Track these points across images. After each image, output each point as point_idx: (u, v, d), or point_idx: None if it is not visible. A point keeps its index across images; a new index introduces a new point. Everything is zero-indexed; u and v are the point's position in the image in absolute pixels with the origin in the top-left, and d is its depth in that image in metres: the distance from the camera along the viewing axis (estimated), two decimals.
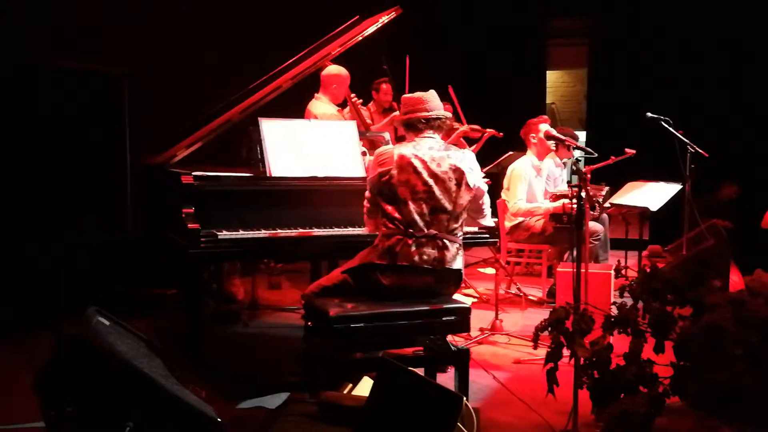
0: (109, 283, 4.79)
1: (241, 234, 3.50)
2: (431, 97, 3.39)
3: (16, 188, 4.51)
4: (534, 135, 5.73)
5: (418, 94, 3.40)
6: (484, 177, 3.74)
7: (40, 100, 4.41)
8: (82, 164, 4.47)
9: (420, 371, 3.35)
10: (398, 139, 5.15)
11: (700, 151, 6.25)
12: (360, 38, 4.26)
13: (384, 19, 4.31)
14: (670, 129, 6.20)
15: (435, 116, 3.35)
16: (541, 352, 3.05)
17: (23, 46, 4.53)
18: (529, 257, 6.30)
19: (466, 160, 3.34)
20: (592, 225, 5.38)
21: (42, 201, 4.46)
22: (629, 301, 2.67)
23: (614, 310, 2.60)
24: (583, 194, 2.97)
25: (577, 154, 3.66)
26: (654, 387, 2.32)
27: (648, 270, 2.62)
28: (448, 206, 3.25)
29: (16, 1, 4.51)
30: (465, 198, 3.30)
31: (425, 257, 3.20)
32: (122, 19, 5.25)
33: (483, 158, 7.00)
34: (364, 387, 2.76)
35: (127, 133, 4.55)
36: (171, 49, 5.57)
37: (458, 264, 3.30)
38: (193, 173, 3.52)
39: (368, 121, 5.79)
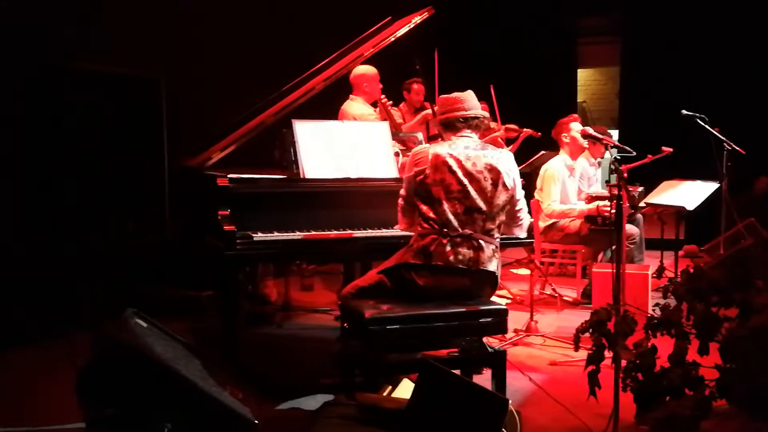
0: (145, 284, 4.84)
1: (276, 236, 3.51)
2: (469, 96, 3.38)
3: (56, 190, 4.58)
4: (566, 134, 5.67)
5: (455, 94, 3.39)
6: None
7: (81, 104, 4.48)
8: (121, 167, 4.52)
9: (456, 372, 3.34)
10: (431, 139, 5.14)
11: (737, 148, 6.15)
12: (392, 39, 4.24)
13: (416, 19, 4.29)
14: (706, 126, 6.11)
15: (473, 115, 3.34)
16: (578, 353, 3.01)
17: (61, 51, 4.60)
18: (563, 258, 6.23)
19: (503, 160, 3.31)
20: (628, 227, 5.31)
21: (81, 203, 4.52)
22: (672, 302, 2.62)
23: (657, 312, 2.55)
24: (623, 194, 2.92)
25: (616, 153, 3.61)
26: (700, 390, 2.26)
27: (691, 271, 2.56)
28: (483, 206, 3.22)
29: (53, 7, 4.57)
30: (501, 198, 3.26)
31: (460, 257, 3.17)
32: (154, 19, 5.29)
33: (515, 158, 6.98)
34: (404, 389, 2.74)
35: (165, 136, 4.59)
36: (204, 50, 5.61)
37: (493, 266, 3.26)
38: (229, 176, 3.54)
39: (399, 121, 5.77)
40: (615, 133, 9.05)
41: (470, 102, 3.36)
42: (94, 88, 4.50)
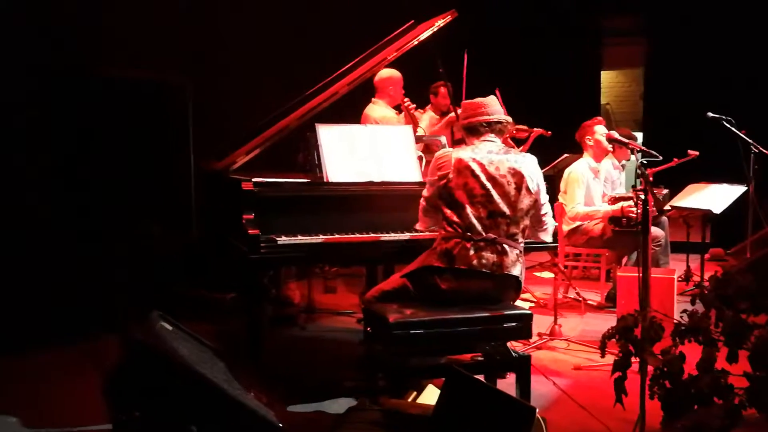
0: (170, 286, 4.88)
1: (300, 239, 3.53)
2: (491, 101, 3.39)
3: (84, 193, 4.64)
4: (590, 137, 5.63)
5: (478, 99, 3.40)
6: None
7: (110, 109, 4.54)
8: (148, 170, 4.58)
9: (480, 377, 3.34)
10: (455, 143, 5.13)
11: (765, 151, 6.06)
12: (415, 42, 4.24)
13: (439, 23, 4.28)
14: (733, 129, 6.04)
15: (496, 120, 3.34)
16: (601, 357, 2.99)
17: (91, 57, 4.67)
18: (587, 261, 6.19)
19: (527, 164, 3.30)
20: (654, 230, 5.25)
21: (109, 205, 4.58)
22: (699, 308, 2.59)
23: (684, 318, 2.53)
24: (649, 198, 2.89)
25: (641, 156, 3.57)
26: (729, 398, 2.24)
27: (719, 276, 2.53)
28: (507, 210, 3.21)
29: (85, 15, 4.65)
30: (525, 202, 3.25)
31: (484, 261, 3.17)
32: (178, 24, 5.35)
33: (538, 161, 6.95)
34: (429, 395, 2.74)
35: (191, 140, 4.64)
36: (229, 56, 5.66)
37: (517, 270, 3.25)
38: (253, 180, 3.56)
39: (424, 124, 5.76)
40: (639, 136, 8.97)
41: (493, 107, 3.37)
42: (123, 94, 4.57)
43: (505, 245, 3.20)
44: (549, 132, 6.82)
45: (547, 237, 3.50)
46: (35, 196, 4.50)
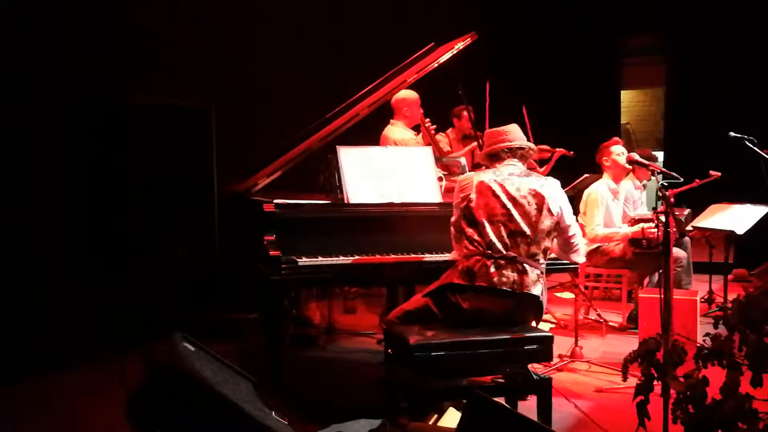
0: (193, 307, 4.92)
1: (321, 260, 3.55)
2: (513, 128, 3.45)
3: (109, 215, 4.73)
4: (607, 158, 5.61)
5: (499, 128, 3.46)
6: None
7: (133, 135, 4.64)
8: (172, 194, 4.66)
9: (501, 399, 3.32)
10: (475, 166, 5.14)
11: None
12: (435, 65, 4.28)
13: (459, 45, 4.31)
14: (755, 148, 6.00)
15: (518, 145, 3.40)
16: (623, 381, 2.97)
17: (113, 83, 4.78)
18: (608, 282, 6.15)
19: (548, 186, 3.32)
20: (675, 251, 5.20)
21: (133, 228, 4.65)
22: (722, 330, 2.57)
23: (707, 342, 2.51)
24: (671, 220, 2.88)
25: (662, 178, 3.56)
26: (754, 423, 2.21)
27: (742, 299, 2.51)
28: (527, 230, 3.23)
29: (97, 39, 4.76)
30: (546, 223, 3.26)
31: (504, 279, 3.18)
32: (201, 49, 5.45)
33: (560, 181, 6.94)
34: (450, 418, 2.73)
35: (214, 164, 4.72)
36: (251, 79, 5.74)
37: (538, 290, 3.25)
38: (275, 201, 3.60)
39: (447, 148, 5.79)
40: (660, 155, 8.93)
41: (514, 133, 3.43)
42: (149, 119, 4.66)
43: (525, 264, 3.21)
44: (572, 152, 6.82)
45: (579, 258, 3.53)
46: (60, 218, 4.59)
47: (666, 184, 3.32)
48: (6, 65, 4.35)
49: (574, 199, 5.99)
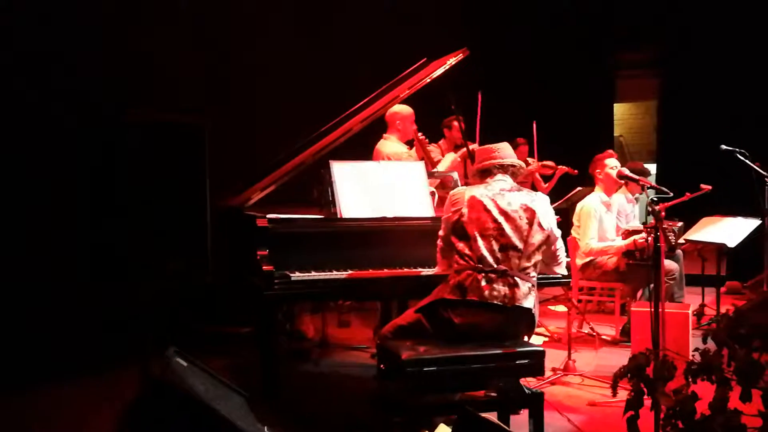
0: (187, 321, 4.93)
1: (314, 275, 3.56)
2: (503, 146, 3.50)
3: (103, 232, 4.75)
4: (600, 170, 5.64)
5: (490, 145, 3.50)
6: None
7: (131, 151, 4.67)
8: (168, 210, 4.69)
9: (493, 414, 3.33)
10: (467, 178, 5.18)
11: None
12: (428, 80, 4.31)
13: (451, 60, 4.35)
14: (747, 161, 6.04)
15: (509, 163, 3.45)
16: (613, 396, 2.98)
17: (108, 101, 4.82)
18: (601, 295, 6.17)
19: (538, 201, 3.36)
20: (668, 263, 5.24)
21: (128, 243, 4.67)
22: (712, 346, 2.58)
23: (696, 357, 2.52)
24: (660, 235, 2.91)
25: (651, 193, 3.59)
26: None
27: (731, 314, 2.53)
28: (519, 244, 3.25)
29: (94, 60, 4.80)
30: (537, 237, 3.29)
31: (495, 293, 3.19)
32: (198, 65, 5.49)
33: (552, 194, 6.99)
34: None
35: (207, 181, 4.74)
36: (246, 94, 5.78)
37: (529, 303, 3.27)
38: (268, 216, 3.61)
39: (438, 158, 5.82)
40: (653, 168, 8.97)
41: (505, 151, 3.47)
42: (145, 137, 4.68)
43: (516, 278, 3.23)
44: (576, 171, 6.87)
45: (561, 270, 3.56)
46: (55, 235, 4.61)
47: (655, 199, 3.34)
48: (5, 84, 4.38)
49: (567, 212, 6.03)
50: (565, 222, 5.45)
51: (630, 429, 2.48)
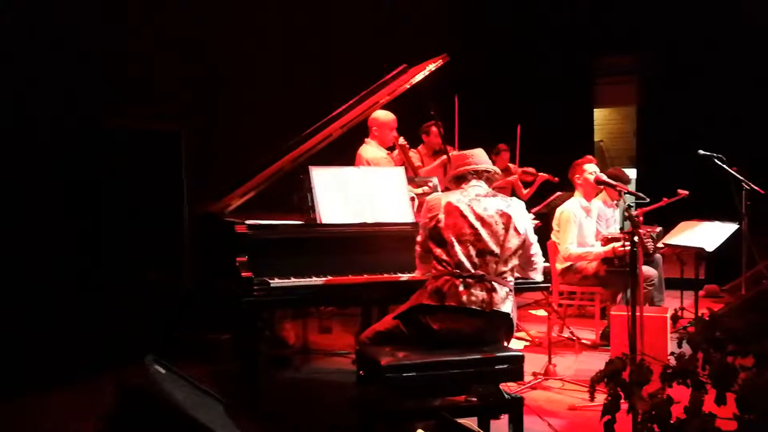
0: (164, 328, 4.90)
1: (293, 281, 3.55)
2: (478, 152, 3.52)
3: (81, 239, 4.71)
4: (579, 176, 5.67)
5: (465, 151, 3.53)
6: (533, 219, 3.75)
7: (108, 159, 4.65)
8: (142, 218, 4.66)
9: (473, 419, 3.34)
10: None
11: (756, 188, 6.13)
12: (408, 86, 4.32)
13: (431, 66, 4.36)
14: (724, 166, 6.11)
15: (484, 168, 3.46)
16: (598, 398, 3.00)
17: (84, 109, 4.79)
18: (582, 299, 6.20)
19: (513, 206, 3.39)
20: (646, 270, 5.28)
21: (104, 253, 4.64)
22: (687, 349, 2.61)
23: (672, 361, 2.55)
24: (637, 241, 2.93)
25: (629, 198, 3.61)
26: None
27: (707, 318, 2.56)
28: (495, 249, 3.27)
29: (69, 66, 4.77)
30: (513, 242, 3.31)
31: (473, 298, 3.20)
32: (175, 72, 5.47)
33: (531, 199, 7.03)
34: None
35: (184, 187, 4.72)
36: (224, 99, 5.76)
37: (507, 307, 3.28)
38: (247, 222, 3.60)
39: (418, 163, 5.83)
40: (633, 172, 9.04)
41: (479, 156, 3.50)
42: (122, 144, 4.67)
43: (494, 282, 3.25)
44: (556, 178, 6.90)
45: (537, 276, 3.58)
46: (33, 242, 4.57)
47: (632, 204, 3.37)
48: None
49: (547, 217, 6.06)
50: (546, 227, 5.48)
51: None
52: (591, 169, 5.59)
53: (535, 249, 3.48)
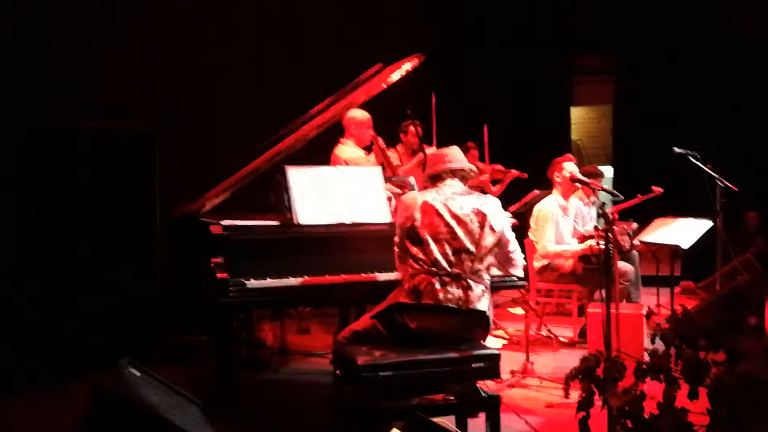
0: (140, 330, 4.85)
1: (270, 282, 3.53)
2: (454, 151, 3.52)
3: (54, 242, 4.65)
4: (558, 174, 5.70)
5: (441, 150, 3.55)
6: (510, 217, 3.77)
7: (74, 160, 4.59)
8: (113, 219, 4.61)
9: (450, 418, 3.34)
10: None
11: (729, 185, 6.19)
12: (384, 86, 4.31)
13: (406, 66, 4.35)
14: (698, 163, 6.16)
15: (459, 167, 3.47)
16: (574, 395, 3.02)
17: (55, 109, 4.73)
18: (560, 297, 6.24)
19: (489, 204, 3.40)
20: (622, 266, 5.32)
21: (78, 253, 4.58)
22: (661, 345, 2.63)
23: (646, 357, 2.57)
24: (610, 238, 2.95)
25: (603, 196, 3.63)
26: None
27: (679, 315, 2.58)
28: (471, 247, 3.28)
29: (41, 64, 4.71)
30: (489, 240, 3.33)
31: (450, 296, 3.22)
32: (148, 71, 5.43)
33: (509, 198, 7.05)
34: None
35: (156, 189, 4.68)
36: (197, 99, 5.72)
37: (483, 305, 3.30)
38: (222, 223, 3.58)
39: (397, 162, 5.82)
40: (610, 170, 9.10)
41: (455, 155, 3.50)
42: (93, 144, 4.61)
43: (470, 281, 3.26)
44: (526, 174, 6.93)
45: (518, 272, 3.61)
46: (5, 245, 4.51)
47: (605, 202, 3.39)
48: None
49: (525, 215, 6.08)
50: (523, 226, 5.50)
51: (582, 429, 2.51)
52: (570, 168, 5.62)
53: (514, 246, 3.50)
